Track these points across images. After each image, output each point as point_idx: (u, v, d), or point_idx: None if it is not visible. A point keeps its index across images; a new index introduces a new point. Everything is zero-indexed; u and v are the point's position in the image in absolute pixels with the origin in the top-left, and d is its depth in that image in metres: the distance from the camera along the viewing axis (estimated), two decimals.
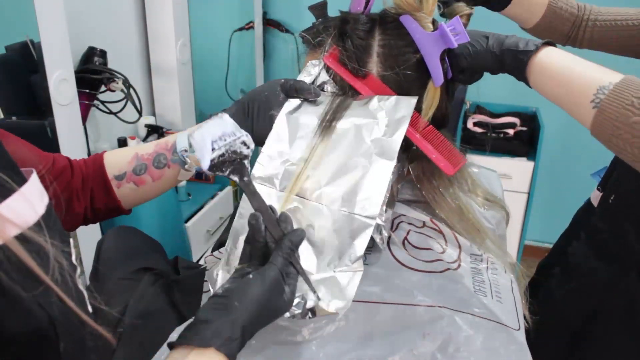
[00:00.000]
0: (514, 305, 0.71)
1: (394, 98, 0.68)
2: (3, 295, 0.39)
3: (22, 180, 0.45)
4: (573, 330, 1.03)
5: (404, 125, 0.65)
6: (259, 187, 0.66)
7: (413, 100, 0.67)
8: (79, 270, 0.49)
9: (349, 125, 0.67)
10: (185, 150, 0.72)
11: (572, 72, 0.61)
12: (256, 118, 0.72)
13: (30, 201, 0.44)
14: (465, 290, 0.68)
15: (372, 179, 0.62)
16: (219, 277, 0.65)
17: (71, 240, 0.53)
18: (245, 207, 0.66)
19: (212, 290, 0.65)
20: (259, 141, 0.70)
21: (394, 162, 0.63)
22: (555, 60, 0.63)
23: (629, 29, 0.92)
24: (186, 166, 0.72)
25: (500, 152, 2.34)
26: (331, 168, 0.65)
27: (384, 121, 0.66)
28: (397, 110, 0.66)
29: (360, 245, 0.60)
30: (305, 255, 0.62)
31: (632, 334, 0.96)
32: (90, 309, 0.50)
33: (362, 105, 0.68)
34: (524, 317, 0.71)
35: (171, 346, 0.51)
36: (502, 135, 2.36)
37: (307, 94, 0.70)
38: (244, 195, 0.65)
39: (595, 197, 1.02)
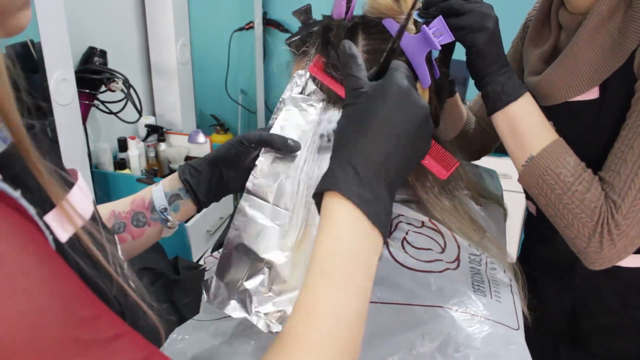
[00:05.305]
0: (513, 305, 0.71)
1: None
2: (88, 281, 0.39)
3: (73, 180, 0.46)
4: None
5: None
6: (252, 199, 0.66)
7: None
8: (126, 264, 0.49)
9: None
10: (165, 209, 0.70)
11: (523, 133, 0.75)
12: (234, 180, 0.71)
13: (85, 194, 0.45)
14: (464, 290, 0.68)
15: None
16: (213, 284, 0.65)
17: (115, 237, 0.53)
18: (240, 220, 0.66)
19: (206, 297, 0.66)
20: (241, 190, 0.71)
21: None
22: (518, 117, 0.75)
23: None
24: (169, 224, 0.71)
25: (500, 152, 2.34)
26: None
27: None
28: None
29: None
30: (293, 269, 0.63)
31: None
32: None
33: None
34: (523, 313, 0.71)
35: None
36: None
37: (283, 149, 0.68)
38: (239, 207, 0.66)
39: (531, 206, 0.99)
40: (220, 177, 0.71)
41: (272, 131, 0.69)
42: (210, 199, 0.72)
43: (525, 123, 0.76)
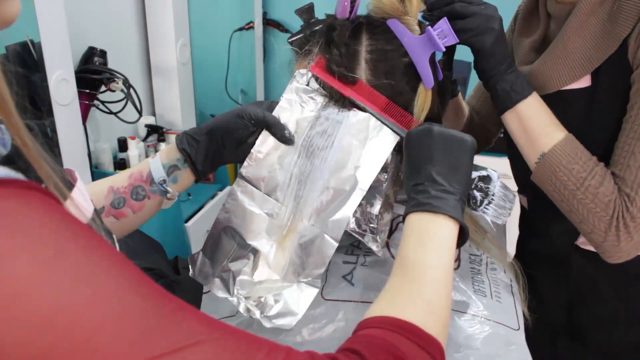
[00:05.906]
0: (513, 305, 0.71)
1: (379, 128, 0.68)
2: None
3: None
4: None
5: (379, 163, 0.66)
6: (245, 185, 0.68)
7: (395, 138, 0.68)
8: None
9: (337, 143, 0.67)
10: (164, 181, 0.70)
11: (534, 130, 0.77)
12: (229, 152, 0.71)
13: (85, 195, 0.46)
14: (464, 290, 0.68)
15: (346, 205, 0.64)
16: (199, 259, 0.68)
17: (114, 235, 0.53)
18: (231, 203, 0.68)
19: (191, 271, 0.69)
20: (235, 161, 0.72)
21: (363, 194, 0.65)
22: (529, 115, 0.76)
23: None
24: (168, 195, 0.71)
25: (501, 152, 2.34)
26: (314, 186, 0.66)
27: (366, 151, 0.67)
28: (378, 144, 0.67)
29: (322, 262, 0.63)
30: (277, 259, 0.65)
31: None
32: None
33: (354, 123, 0.68)
34: (523, 314, 0.71)
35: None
36: (502, 134, 2.36)
37: (279, 136, 0.69)
38: (231, 190, 0.68)
39: (523, 199, 1.00)
40: (217, 147, 0.71)
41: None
42: (207, 169, 0.72)
43: (534, 120, 0.76)
